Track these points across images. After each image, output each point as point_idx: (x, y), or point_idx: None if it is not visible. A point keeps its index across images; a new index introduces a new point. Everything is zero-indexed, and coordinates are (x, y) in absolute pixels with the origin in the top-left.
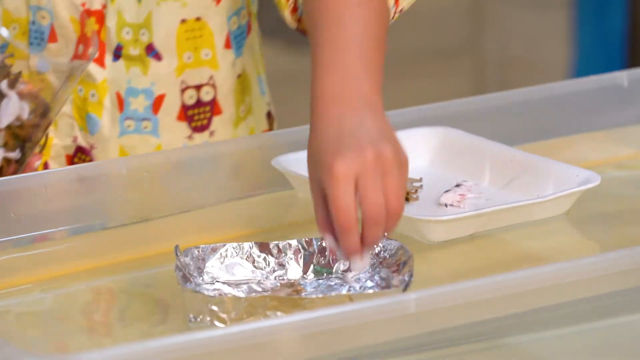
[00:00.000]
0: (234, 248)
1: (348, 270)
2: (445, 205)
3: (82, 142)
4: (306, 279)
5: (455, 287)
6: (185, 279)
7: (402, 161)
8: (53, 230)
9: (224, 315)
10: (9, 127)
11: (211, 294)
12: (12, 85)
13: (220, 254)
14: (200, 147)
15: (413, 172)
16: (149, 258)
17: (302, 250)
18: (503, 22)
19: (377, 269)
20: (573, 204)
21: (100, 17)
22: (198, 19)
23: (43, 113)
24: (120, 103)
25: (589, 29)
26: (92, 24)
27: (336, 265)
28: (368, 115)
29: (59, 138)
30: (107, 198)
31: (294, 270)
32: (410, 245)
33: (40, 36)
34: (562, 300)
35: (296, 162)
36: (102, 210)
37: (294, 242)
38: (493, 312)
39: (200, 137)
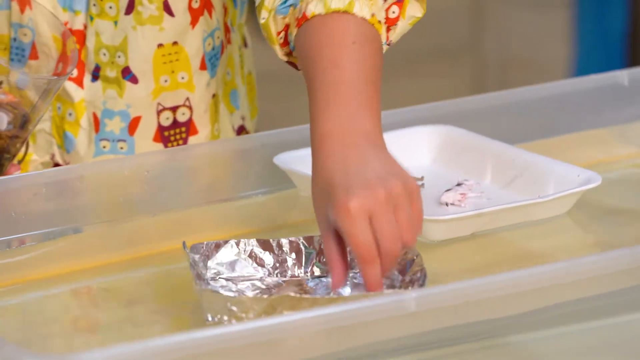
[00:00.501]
0: (236, 244)
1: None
2: (447, 204)
3: (59, 159)
4: (308, 278)
5: (456, 287)
6: (200, 277)
7: (412, 191)
8: (54, 229)
9: (242, 315)
10: None
11: (230, 294)
12: None
13: (223, 250)
14: (199, 146)
15: (414, 170)
16: (151, 256)
17: (303, 249)
18: (503, 22)
19: None
20: (574, 203)
21: (81, 37)
22: (175, 43)
23: (22, 124)
24: (97, 124)
25: (589, 28)
26: (72, 43)
27: None
28: (372, 152)
29: (38, 154)
30: (108, 197)
31: (296, 268)
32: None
33: (21, 53)
34: (563, 300)
35: (298, 160)
36: (103, 210)
37: (295, 240)
38: (494, 312)
39: None
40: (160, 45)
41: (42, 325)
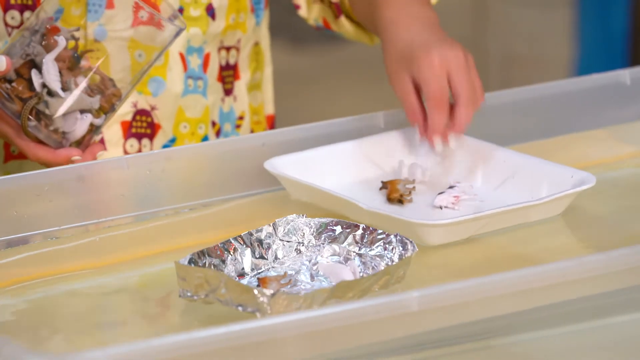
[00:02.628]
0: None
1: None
2: (441, 208)
3: (144, 105)
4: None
5: (456, 287)
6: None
7: (473, 63)
8: (55, 228)
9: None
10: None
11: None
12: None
13: (223, 257)
14: (199, 146)
15: (404, 173)
16: (152, 256)
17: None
18: (506, 20)
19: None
20: (569, 204)
21: None
22: None
23: (114, 85)
24: (184, 62)
25: (591, 27)
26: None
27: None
28: (436, 30)
29: None
30: (108, 197)
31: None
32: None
33: (98, 2)
34: (564, 299)
35: (289, 164)
36: (103, 210)
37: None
38: (494, 311)
39: (228, 101)
40: None
41: (43, 325)
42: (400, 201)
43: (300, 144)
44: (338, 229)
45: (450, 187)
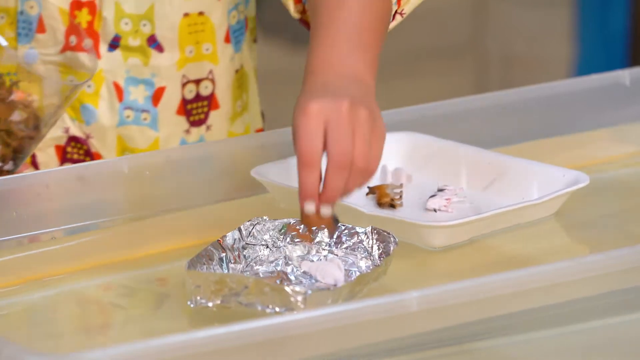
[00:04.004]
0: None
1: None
2: (435, 210)
3: (76, 132)
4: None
5: (456, 286)
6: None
7: (379, 129)
8: (55, 229)
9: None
10: None
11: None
12: (9, 92)
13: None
14: (199, 146)
15: (389, 178)
16: (152, 256)
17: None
18: (506, 20)
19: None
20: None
21: (93, 7)
22: (201, 13)
23: (35, 126)
24: (119, 92)
25: (591, 27)
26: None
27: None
28: (357, 87)
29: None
30: (108, 197)
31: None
32: (405, 251)
33: (28, 26)
34: (564, 299)
35: (276, 171)
36: (103, 210)
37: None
38: (494, 311)
39: (197, 132)
40: (186, 15)
41: (43, 325)
42: (392, 205)
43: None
44: (302, 228)
45: (440, 190)
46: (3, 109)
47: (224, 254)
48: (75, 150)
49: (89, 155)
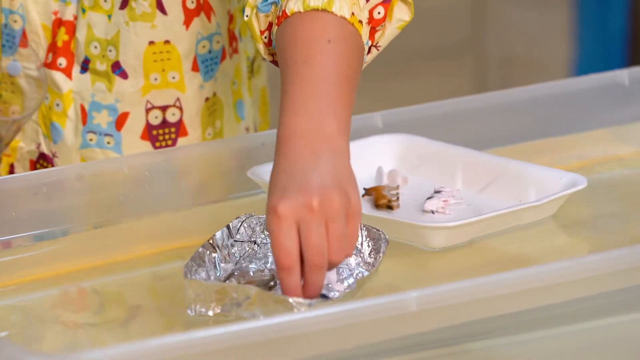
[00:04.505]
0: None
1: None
2: (432, 212)
3: (44, 149)
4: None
5: (456, 286)
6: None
7: (353, 208)
8: (54, 229)
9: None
10: None
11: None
12: None
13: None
14: (198, 146)
15: (384, 180)
16: (152, 256)
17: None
18: (505, 20)
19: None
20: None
21: (71, 28)
22: (167, 42)
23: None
24: (84, 116)
25: (590, 27)
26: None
27: None
28: (327, 157)
29: (25, 142)
30: (108, 197)
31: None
32: (403, 251)
33: (11, 40)
34: (565, 299)
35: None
36: (103, 210)
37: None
38: (494, 311)
39: None
40: (151, 43)
41: (42, 325)
42: (389, 207)
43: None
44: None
45: (437, 192)
46: None
47: (215, 254)
48: (42, 167)
49: None
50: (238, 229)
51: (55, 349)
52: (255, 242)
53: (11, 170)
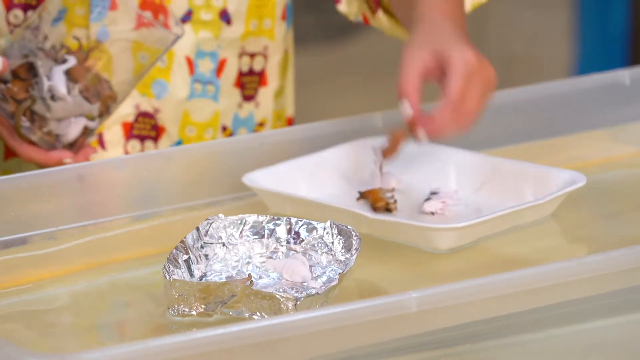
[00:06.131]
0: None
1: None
2: (432, 214)
3: (147, 107)
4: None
5: (456, 287)
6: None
7: (491, 75)
8: (54, 229)
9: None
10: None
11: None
12: (85, 58)
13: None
14: (199, 146)
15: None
16: (152, 256)
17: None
18: (506, 20)
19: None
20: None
21: None
22: None
23: (111, 87)
24: (190, 66)
25: (591, 27)
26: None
27: None
28: (464, 37)
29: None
30: (107, 197)
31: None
32: (404, 253)
33: (101, 4)
34: (565, 299)
35: (267, 177)
36: (103, 210)
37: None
38: (494, 311)
39: (248, 107)
40: None
41: (42, 325)
42: (388, 209)
43: (298, 145)
44: (261, 224)
45: (434, 193)
46: (81, 71)
47: (187, 256)
48: (143, 125)
49: (155, 129)
50: (207, 231)
51: (54, 349)
52: (223, 244)
53: (100, 139)
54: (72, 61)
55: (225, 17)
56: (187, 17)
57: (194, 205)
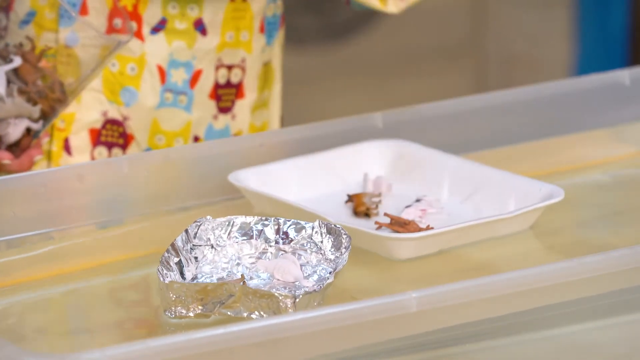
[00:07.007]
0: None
1: None
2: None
3: (115, 115)
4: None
5: (456, 287)
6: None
7: None
8: (54, 229)
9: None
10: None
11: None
12: (38, 59)
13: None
14: (198, 146)
15: (369, 187)
16: (151, 256)
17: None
18: (505, 20)
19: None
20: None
21: None
22: (244, 0)
23: (62, 91)
24: (162, 75)
25: (591, 27)
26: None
27: None
28: None
29: (82, 113)
30: (107, 197)
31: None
32: (372, 261)
33: (71, 8)
34: (566, 299)
35: (253, 177)
36: (103, 210)
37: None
38: (494, 312)
39: (224, 119)
40: (232, 0)
41: (41, 326)
42: (367, 215)
43: (297, 145)
44: (249, 225)
45: (417, 201)
46: (31, 71)
47: (178, 259)
48: (111, 132)
49: (124, 137)
50: (196, 233)
51: (54, 349)
52: (212, 246)
53: (66, 145)
54: (17, 61)
55: (200, 27)
56: (160, 26)
57: (187, 206)
